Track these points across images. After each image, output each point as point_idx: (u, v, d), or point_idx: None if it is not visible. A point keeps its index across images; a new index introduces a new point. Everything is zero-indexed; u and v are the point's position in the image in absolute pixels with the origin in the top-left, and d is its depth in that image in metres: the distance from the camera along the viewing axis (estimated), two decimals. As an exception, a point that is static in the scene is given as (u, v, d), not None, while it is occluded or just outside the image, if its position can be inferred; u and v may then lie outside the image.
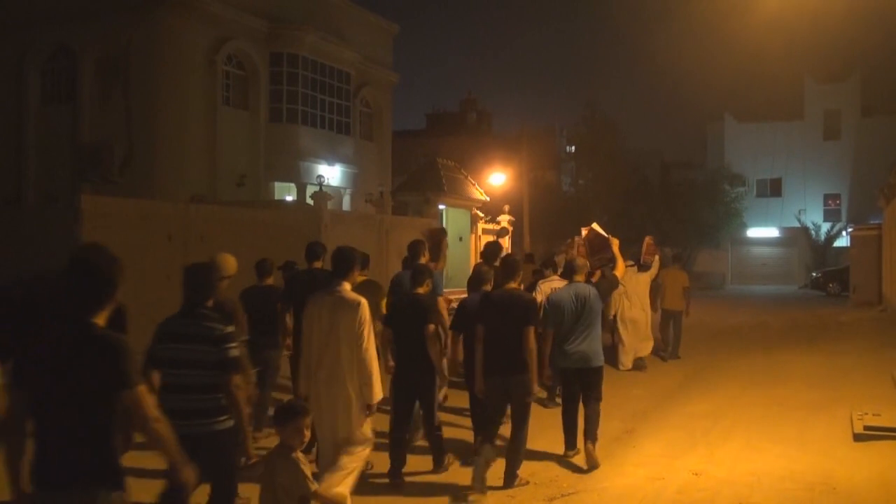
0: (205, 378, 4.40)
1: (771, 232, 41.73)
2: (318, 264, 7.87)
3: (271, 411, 5.87)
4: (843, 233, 38.10)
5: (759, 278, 40.15)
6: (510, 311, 6.43)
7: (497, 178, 28.14)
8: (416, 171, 22.74)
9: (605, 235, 9.25)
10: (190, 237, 12.00)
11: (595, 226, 9.67)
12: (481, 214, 22.67)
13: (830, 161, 41.29)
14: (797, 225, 40.37)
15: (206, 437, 4.35)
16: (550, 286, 9.46)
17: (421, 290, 6.81)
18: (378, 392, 5.52)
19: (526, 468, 6.78)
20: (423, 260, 7.73)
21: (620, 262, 8.72)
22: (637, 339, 12.59)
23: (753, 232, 41.39)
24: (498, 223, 23.65)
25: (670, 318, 13.58)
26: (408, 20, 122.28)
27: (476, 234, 22.22)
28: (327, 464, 5.47)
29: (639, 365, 12.42)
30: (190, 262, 4.55)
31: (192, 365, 4.40)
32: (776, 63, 55.52)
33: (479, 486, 6.15)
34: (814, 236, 39.77)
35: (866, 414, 8.23)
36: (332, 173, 24.30)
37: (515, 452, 6.53)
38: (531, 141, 30.17)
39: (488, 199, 23.31)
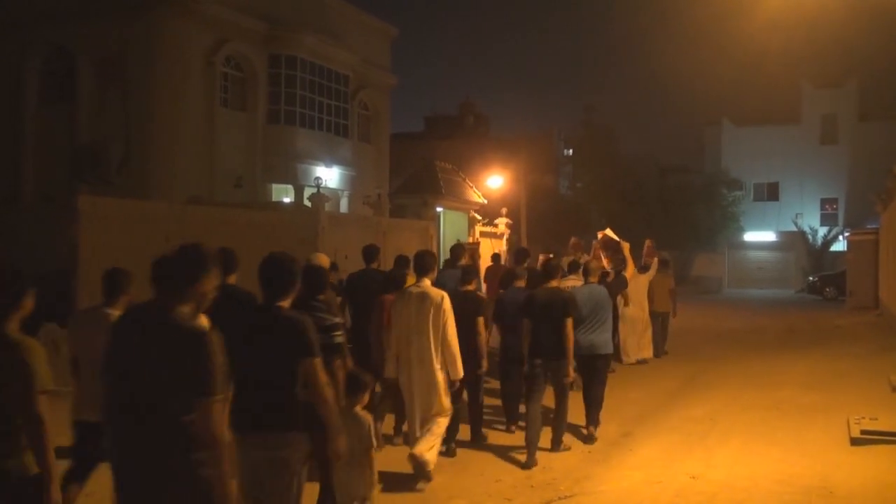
0: None
1: (768, 236, 41.76)
2: (374, 265, 8.59)
3: None
4: (840, 237, 38.14)
5: (756, 282, 40.16)
6: (552, 306, 7.47)
7: (495, 182, 28.15)
8: (413, 174, 22.76)
9: (617, 240, 11.22)
10: (187, 238, 11.89)
11: (609, 231, 11.70)
12: (479, 217, 22.69)
13: (827, 165, 41.35)
14: (794, 229, 40.41)
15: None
16: (568, 285, 9.88)
17: (470, 287, 7.83)
18: (460, 371, 6.56)
19: (523, 470, 6.89)
20: (463, 262, 8.88)
21: (630, 264, 10.51)
22: (635, 335, 13.27)
23: (750, 236, 41.43)
24: (495, 226, 23.67)
25: (658, 318, 14.20)
26: (406, 23, 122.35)
27: (474, 236, 22.22)
28: (419, 431, 6.45)
29: (641, 362, 13.25)
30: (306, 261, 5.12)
31: None
32: (773, 67, 55.65)
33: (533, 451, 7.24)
34: (811, 241, 39.81)
35: (863, 418, 8.23)
36: (329, 175, 24.29)
37: (560, 422, 7.65)
38: (529, 144, 30.26)
39: (486, 201, 23.33)
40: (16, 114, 22.08)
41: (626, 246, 11.39)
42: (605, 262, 11.67)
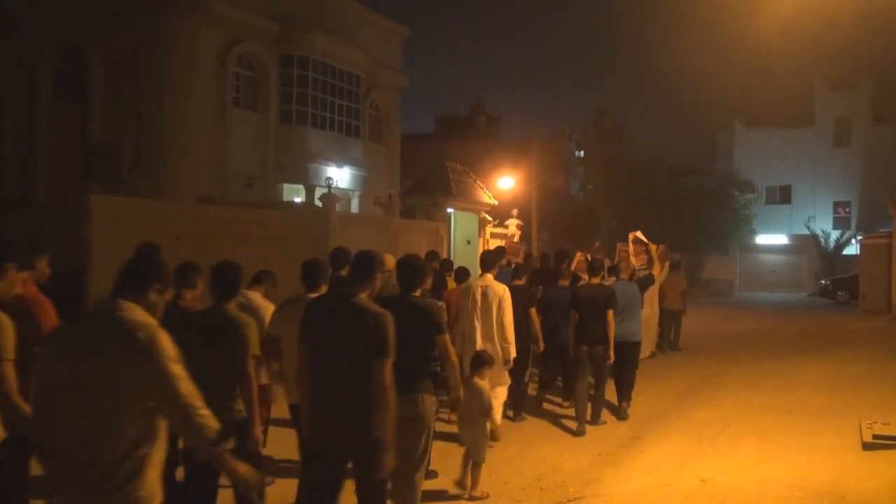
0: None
1: (780, 239, 41.58)
2: (434, 265, 9.82)
3: None
4: (853, 241, 37.92)
5: (767, 285, 40.00)
6: (596, 300, 8.86)
7: (506, 182, 28.09)
8: (424, 175, 22.73)
9: (646, 242, 13.10)
10: (198, 237, 12.01)
11: (639, 233, 13.53)
12: (489, 218, 22.64)
13: (840, 168, 41.12)
14: (806, 232, 40.21)
15: None
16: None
17: (521, 282, 9.08)
18: (514, 351, 7.75)
19: (533, 472, 6.88)
20: (504, 262, 10.07)
21: (657, 264, 12.55)
22: (648, 332, 13.63)
23: (762, 239, 41.26)
24: (506, 227, 23.63)
25: (670, 316, 15.30)
26: (418, 24, 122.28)
27: (484, 237, 22.18)
28: None
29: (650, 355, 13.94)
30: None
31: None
32: (786, 69, 55.25)
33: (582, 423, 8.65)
34: (823, 244, 39.60)
35: (875, 423, 8.18)
36: (340, 175, 24.31)
37: (599, 401, 9.04)
38: (540, 145, 30.12)
39: (497, 202, 23.27)
40: (28, 113, 22.19)
41: (653, 248, 13.16)
42: (634, 260, 13.14)
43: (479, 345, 7.52)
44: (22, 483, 4.11)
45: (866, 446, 7.63)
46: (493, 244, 22.25)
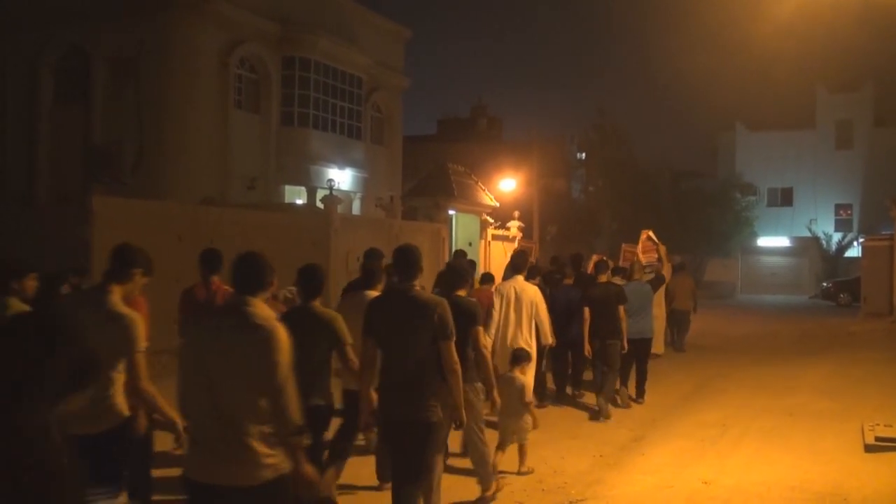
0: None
1: (781, 241, 41.55)
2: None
3: None
4: (855, 243, 37.88)
5: (769, 288, 39.95)
6: (607, 297, 9.71)
7: (507, 184, 28.11)
8: (426, 176, 22.74)
9: (656, 242, 13.87)
10: (200, 238, 11.98)
11: (651, 233, 14.21)
12: (491, 220, 22.64)
13: (842, 171, 41.10)
14: (808, 235, 40.18)
15: None
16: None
17: (535, 283, 9.37)
18: (550, 337, 8.74)
19: (535, 474, 6.89)
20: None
21: (666, 264, 13.29)
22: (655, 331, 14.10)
23: (764, 241, 41.22)
24: (507, 229, 23.63)
25: (678, 316, 15.76)
26: (420, 25, 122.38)
27: (486, 239, 22.19)
28: None
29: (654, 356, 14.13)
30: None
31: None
32: (788, 72, 55.19)
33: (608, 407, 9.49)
34: (825, 246, 39.56)
35: (878, 425, 8.16)
36: (342, 177, 24.33)
37: (609, 392, 9.79)
38: (541, 147, 30.15)
39: (498, 204, 23.28)
40: (30, 113, 22.22)
41: (663, 248, 13.71)
42: (643, 257, 13.75)
43: (516, 342, 8.14)
44: (148, 457, 5.34)
45: (868, 448, 7.61)
46: (495, 246, 22.25)
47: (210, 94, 20.94)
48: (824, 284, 33.38)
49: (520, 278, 8.64)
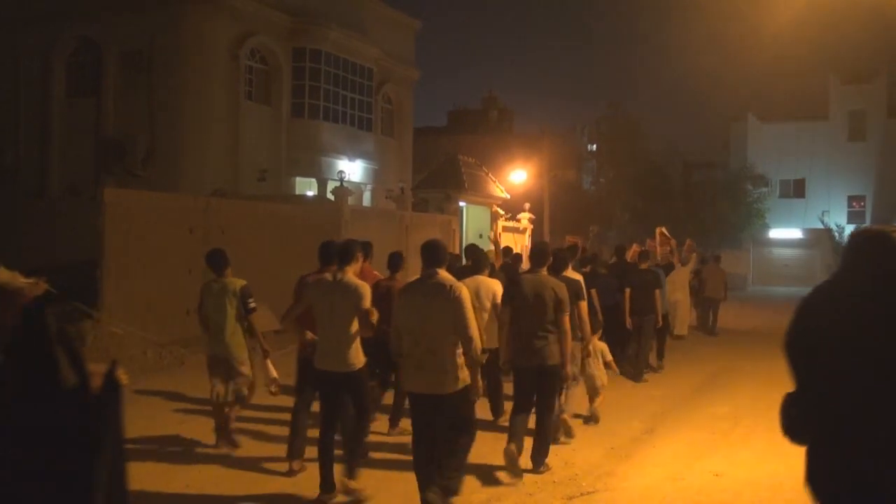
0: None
1: (794, 233, 41.31)
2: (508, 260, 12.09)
3: None
4: (867, 235, 37.60)
5: (781, 280, 39.69)
6: (644, 282, 11.27)
7: (518, 176, 28.05)
8: (436, 168, 22.73)
9: (668, 237, 15.72)
10: (211, 230, 12.05)
11: (664, 230, 16.02)
12: (501, 212, 22.61)
13: (855, 162, 40.79)
14: (820, 226, 39.93)
15: None
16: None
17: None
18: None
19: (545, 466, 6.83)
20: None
21: (677, 255, 15.04)
22: (681, 315, 15.01)
23: (776, 233, 40.99)
24: (518, 220, 23.59)
25: (711, 304, 17.37)
26: (430, 17, 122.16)
27: (496, 231, 22.17)
28: None
29: (679, 338, 14.91)
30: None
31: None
32: (801, 63, 55.01)
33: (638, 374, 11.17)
34: (837, 238, 39.30)
35: (890, 417, 8.11)
36: (352, 169, 24.34)
37: (644, 359, 11.46)
38: (552, 139, 30.08)
39: (509, 196, 23.25)
40: (43, 106, 22.32)
41: (674, 243, 15.48)
42: (659, 250, 15.48)
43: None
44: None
45: (881, 441, 7.56)
46: (505, 238, 22.25)
47: (221, 86, 20.98)
48: (837, 276, 33.15)
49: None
